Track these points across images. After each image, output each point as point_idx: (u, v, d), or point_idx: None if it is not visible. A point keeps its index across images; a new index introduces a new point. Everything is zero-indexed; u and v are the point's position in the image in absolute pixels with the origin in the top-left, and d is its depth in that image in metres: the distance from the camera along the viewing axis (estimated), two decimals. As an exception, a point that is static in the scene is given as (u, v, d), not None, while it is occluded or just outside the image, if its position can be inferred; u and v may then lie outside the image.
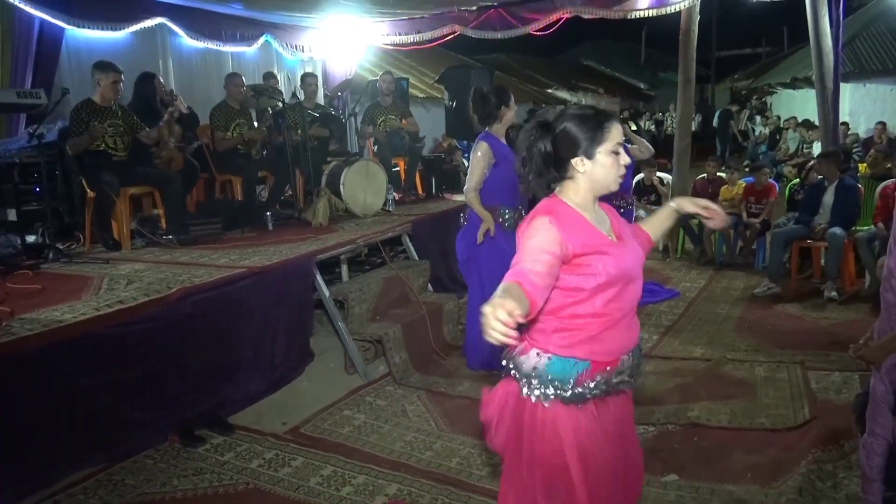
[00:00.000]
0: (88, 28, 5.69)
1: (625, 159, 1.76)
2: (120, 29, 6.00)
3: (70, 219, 5.13)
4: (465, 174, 5.15)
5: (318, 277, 4.24)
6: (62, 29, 5.52)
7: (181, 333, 3.43)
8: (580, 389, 1.71)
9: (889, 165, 6.62)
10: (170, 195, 4.91)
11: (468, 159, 4.40)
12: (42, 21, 5.32)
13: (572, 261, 1.68)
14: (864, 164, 7.62)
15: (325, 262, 4.49)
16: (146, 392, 3.26)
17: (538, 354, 1.74)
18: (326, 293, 4.24)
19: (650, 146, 5.46)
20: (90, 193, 4.72)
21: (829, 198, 5.67)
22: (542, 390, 1.71)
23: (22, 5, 5.02)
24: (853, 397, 3.41)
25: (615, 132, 1.75)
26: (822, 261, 5.84)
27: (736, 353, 4.35)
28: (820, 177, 5.93)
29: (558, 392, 1.70)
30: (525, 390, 1.73)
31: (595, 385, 1.73)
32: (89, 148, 4.64)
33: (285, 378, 4.06)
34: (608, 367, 1.76)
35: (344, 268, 4.85)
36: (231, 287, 3.69)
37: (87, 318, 3.03)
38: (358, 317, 4.36)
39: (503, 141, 4.01)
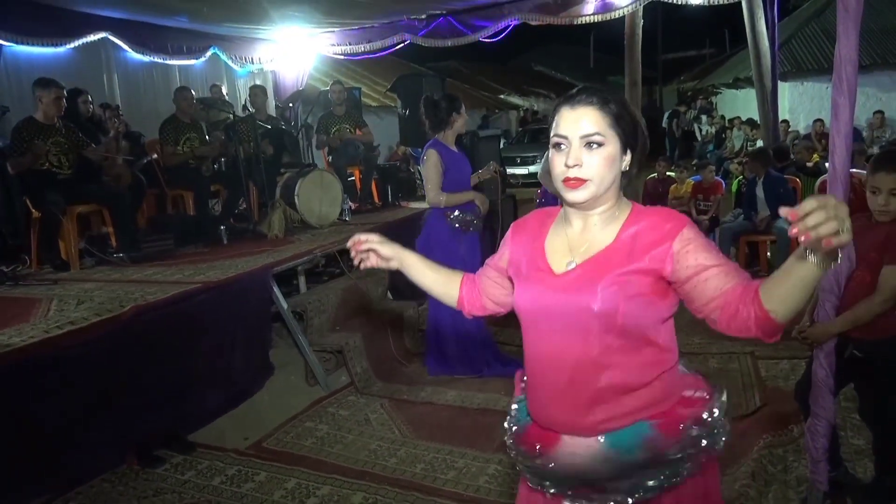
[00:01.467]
0: (28, 45, 5.55)
1: (567, 156, 1.30)
2: (61, 45, 5.86)
3: (14, 240, 4.96)
4: (420, 181, 5.19)
5: (276, 290, 4.20)
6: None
7: (136, 352, 3.36)
8: (514, 452, 1.44)
9: (817, 158, 6.93)
10: (119, 212, 4.80)
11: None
12: (-22, 38, 5.17)
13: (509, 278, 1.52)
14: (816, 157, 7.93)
15: (282, 275, 4.46)
16: (101, 414, 3.18)
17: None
18: (284, 305, 4.21)
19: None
20: (35, 213, 4.58)
21: (759, 192, 5.92)
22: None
23: (-44, 22, 4.88)
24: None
25: (565, 119, 1.32)
26: (769, 254, 6.05)
27: (690, 347, 4.47)
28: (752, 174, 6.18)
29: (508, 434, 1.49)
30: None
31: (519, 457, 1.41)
32: (32, 167, 4.51)
33: (245, 392, 4.01)
34: (538, 446, 1.37)
35: (302, 279, 4.82)
36: (186, 303, 3.63)
37: (36, 341, 2.95)
38: (317, 328, 4.34)
39: (453, 147, 4.05)
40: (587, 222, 1.36)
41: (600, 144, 1.29)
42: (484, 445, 3.26)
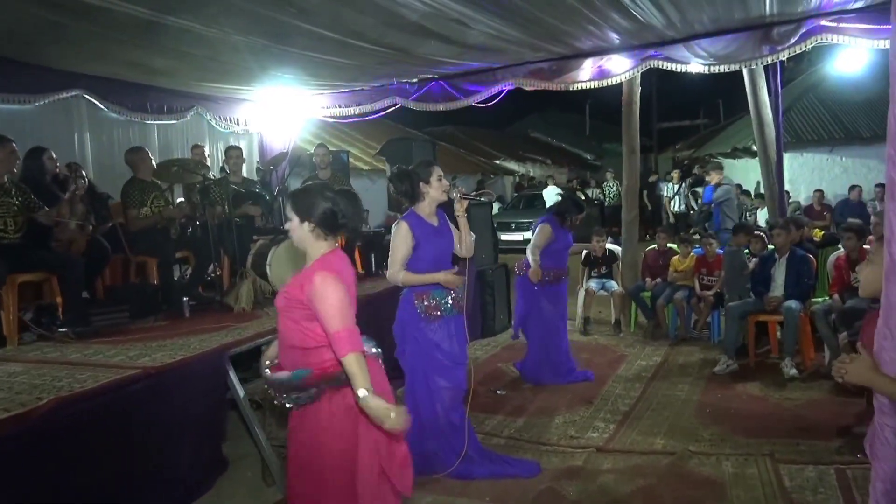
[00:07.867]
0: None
1: None
2: (32, 102, 5.56)
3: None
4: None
5: (232, 374, 3.71)
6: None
7: (58, 451, 2.84)
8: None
9: (820, 233, 6.63)
10: (68, 281, 4.35)
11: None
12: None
13: None
14: (817, 231, 7.59)
15: (242, 355, 3.98)
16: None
17: None
18: (241, 392, 3.70)
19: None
20: (-27, 281, 4.14)
21: (780, 270, 5.46)
22: None
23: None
24: (829, 499, 3.06)
25: None
26: (779, 335, 5.60)
27: (700, 445, 3.96)
28: (771, 247, 5.75)
29: None
30: None
31: None
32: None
33: (192, 493, 3.48)
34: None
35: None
36: (121, 392, 3.14)
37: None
38: (279, 418, 3.83)
39: (431, 220, 3.62)
40: None
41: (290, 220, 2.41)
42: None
